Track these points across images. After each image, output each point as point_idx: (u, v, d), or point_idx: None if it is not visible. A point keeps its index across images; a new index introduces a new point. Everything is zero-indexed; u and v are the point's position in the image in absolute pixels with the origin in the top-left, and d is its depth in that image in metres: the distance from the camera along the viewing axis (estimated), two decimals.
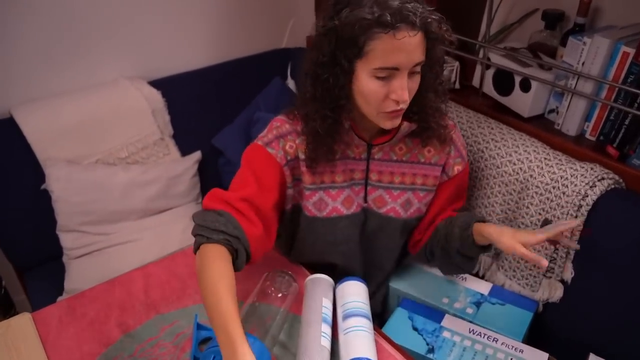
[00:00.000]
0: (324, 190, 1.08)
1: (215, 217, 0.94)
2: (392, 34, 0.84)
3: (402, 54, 0.86)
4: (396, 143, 1.07)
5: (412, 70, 0.90)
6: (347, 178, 1.08)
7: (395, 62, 0.87)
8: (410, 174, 1.09)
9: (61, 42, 1.60)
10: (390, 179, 1.09)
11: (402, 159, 1.09)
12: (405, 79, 0.89)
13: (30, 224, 1.57)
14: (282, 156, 1.03)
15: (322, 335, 0.91)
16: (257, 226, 0.98)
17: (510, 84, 1.41)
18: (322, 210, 1.09)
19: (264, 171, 1.02)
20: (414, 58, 0.88)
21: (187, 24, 1.84)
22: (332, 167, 1.06)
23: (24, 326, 1.02)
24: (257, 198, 0.99)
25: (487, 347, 1.13)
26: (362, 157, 1.06)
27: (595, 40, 1.18)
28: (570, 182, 1.16)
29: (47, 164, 1.51)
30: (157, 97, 1.71)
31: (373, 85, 0.91)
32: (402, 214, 1.12)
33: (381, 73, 0.89)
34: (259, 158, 1.02)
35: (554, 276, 1.24)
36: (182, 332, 1.01)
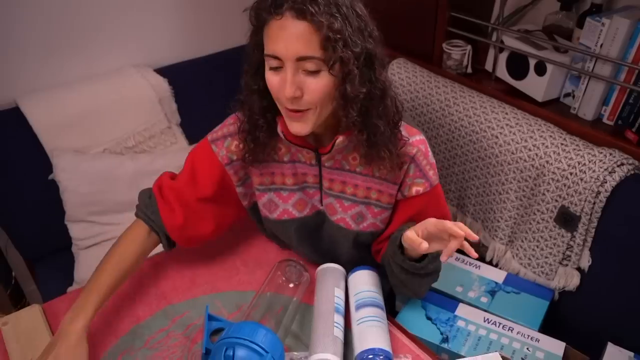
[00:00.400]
0: (274, 192, 1.04)
1: (146, 199, 1.05)
2: (273, 21, 0.79)
3: (281, 42, 0.79)
4: (349, 152, 0.96)
5: (304, 67, 0.80)
6: (299, 181, 1.02)
7: (274, 49, 0.80)
8: (364, 187, 0.99)
9: (67, 31, 1.58)
10: (341, 188, 1.00)
11: (356, 170, 0.98)
12: (290, 73, 0.80)
13: (40, 214, 1.56)
14: (224, 156, 1.01)
15: (334, 326, 0.90)
16: (177, 216, 1.02)
17: (525, 67, 1.37)
18: (273, 212, 1.05)
19: (201, 167, 1.03)
20: (295, 49, 0.78)
21: (193, 11, 1.82)
22: (282, 169, 1.01)
23: (33, 318, 1.01)
24: (185, 190, 1.03)
25: (502, 336, 1.11)
26: (312, 163, 0.99)
27: (614, 20, 1.15)
28: (588, 168, 1.13)
29: (54, 154, 1.50)
30: (164, 85, 1.69)
31: (269, 76, 0.84)
32: (354, 227, 1.03)
33: (270, 62, 0.82)
34: (201, 154, 1.03)
35: (570, 264, 1.21)
36: (193, 322, 1.01)
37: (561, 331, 1.16)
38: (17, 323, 1.00)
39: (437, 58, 1.61)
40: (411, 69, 1.60)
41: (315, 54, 0.79)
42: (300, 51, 0.79)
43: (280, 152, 1.00)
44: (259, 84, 0.89)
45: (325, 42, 0.78)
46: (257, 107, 0.91)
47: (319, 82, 0.82)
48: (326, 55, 0.79)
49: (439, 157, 1.51)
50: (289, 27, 0.78)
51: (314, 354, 0.85)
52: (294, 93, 0.81)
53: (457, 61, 1.56)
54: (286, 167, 1.01)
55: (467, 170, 1.43)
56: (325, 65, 0.80)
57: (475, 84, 1.49)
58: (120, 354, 0.94)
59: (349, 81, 0.81)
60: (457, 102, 1.43)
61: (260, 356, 0.80)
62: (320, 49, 0.79)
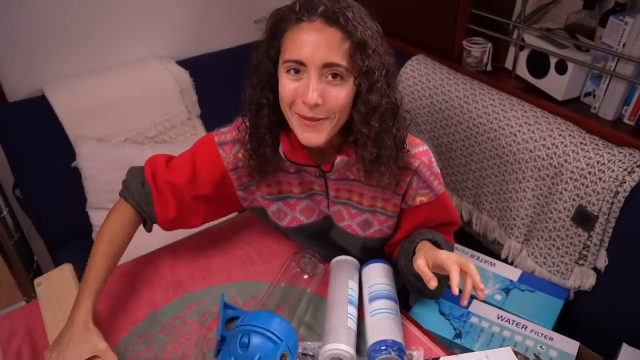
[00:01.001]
0: (282, 201, 1.04)
1: (139, 187, 1.02)
2: (300, 25, 0.79)
3: (307, 47, 0.78)
4: (353, 164, 0.95)
5: (328, 73, 0.80)
6: (306, 189, 1.02)
7: (300, 54, 0.79)
8: (369, 196, 0.99)
9: (93, 21, 1.61)
10: (348, 196, 1.00)
11: (361, 179, 0.98)
12: (314, 79, 0.79)
13: (62, 201, 1.59)
14: (230, 161, 1.00)
15: (348, 317, 0.91)
16: (170, 209, 1.01)
17: (545, 65, 1.36)
18: (282, 219, 1.06)
19: (203, 167, 1.01)
20: (322, 55, 0.78)
21: (216, 4, 1.84)
22: (289, 178, 1.01)
23: (64, 277, 1.05)
24: (184, 186, 1.01)
25: (515, 333, 1.11)
26: (317, 175, 0.98)
27: (638, 20, 1.14)
28: (607, 168, 1.12)
29: (78, 142, 1.54)
30: (186, 77, 1.71)
31: (286, 83, 0.82)
32: (360, 233, 1.03)
33: (290, 66, 0.80)
34: (206, 153, 1.01)
35: (586, 264, 1.21)
36: (209, 310, 1.02)
37: (576, 331, 1.15)
38: (50, 283, 1.05)
39: (457, 55, 1.61)
40: (431, 66, 1.59)
41: (342, 62, 0.79)
42: (327, 57, 0.78)
43: (287, 163, 0.98)
44: (269, 97, 0.87)
45: (353, 51, 0.78)
46: (265, 122, 0.89)
47: (341, 92, 0.81)
48: (352, 64, 0.79)
49: (456, 154, 1.51)
50: (319, 32, 0.78)
51: (327, 344, 0.86)
52: (316, 100, 0.79)
53: (477, 58, 1.55)
54: (293, 177, 1.00)
55: (484, 168, 1.43)
56: (350, 75, 0.80)
57: (495, 82, 1.49)
58: (137, 339, 0.96)
59: (375, 90, 0.81)
60: (475, 100, 1.43)
61: (275, 344, 0.81)
62: (348, 58, 0.79)
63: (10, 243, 1.55)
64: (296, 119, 0.84)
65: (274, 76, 0.85)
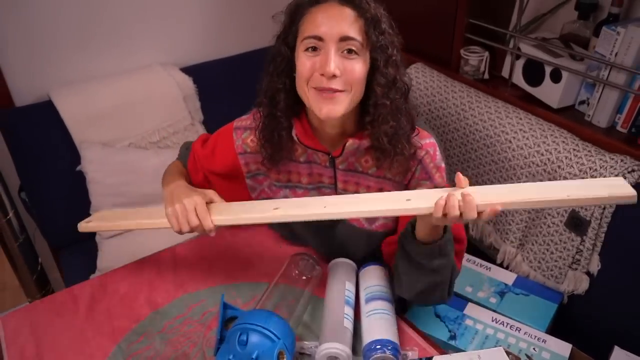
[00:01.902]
0: (290, 189, 1.08)
1: (184, 150, 1.20)
2: (317, 7, 0.87)
3: (325, 23, 0.85)
4: (362, 155, 1.00)
5: (344, 47, 0.86)
6: (314, 181, 1.06)
7: (318, 30, 0.85)
8: (376, 188, 1.03)
9: (98, 28, 1.65)
10: (355, 189, 1.04)
11: (368, 172, 1.02)
12: (332, 52, 0.85)
13: (67, 204, 1.62)
14: (239, 145, 1.06)
15: (345, 317, 0.93)
16: (198, 175, 1.14)
17: (541, 74, 1.39)
18: None
19: (220, 147, 1.10)
20: (339, 28, 0.85)
21: (219, 12, 1.87)
22: (298, 168, 1.05)
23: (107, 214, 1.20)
24: (204, 161, 1.12)
25: (509, 336, 1.13)
26: (327, 165, 1.02)
27: (629, 30, 1.16)
28: (599, 174, 1.15)
29: (83, 146, 1.57)
30: (189, 84, 1.74)
31: (304, 59, 0.88)
32: (366, 226, 1.07)
33: (309, 43, 0.87)
34: (224, 136, 1.10)
35: (579, 268, 1.23)
36: (209, 310, 1.04)
37: (569, 334, 1.17)
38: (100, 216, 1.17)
39: (455, 63, 1.64)
40: (429, 74, 1.62)
41: (357, 36, 0.85)
42: (344, 31, 0.85)
43: (297, 152, 1.03)
44: (285, 82, 0.93)
45: (367, 27, 0.85)
46: (282, 106, 0.94)
47: (357, 65, 0.87)
48: (367, 39, 0.86)
49: (453, 160, 1.54)
50: (334, 10, 0.85)
51: (324, 343, 0.88)
52: (334, 70, 0.85)
53: (474, 67, 1.58)
54: (302, 166, 1.05)
55: (481, 174, 1.45)
56: (364, 50, 0.86)
57: (492, 90, 1.51)
58: (138, 338, 0.98)
59: (392, 64, 0.88)
60: (472, 107, 1.45)
61: (273, 342, 0.83)
62: (363, 33, 0.85)
63: (16, 245, 1.58)
64: (314, 93, 0.88)
65: (291, 62, 0.91)
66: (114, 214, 1.12)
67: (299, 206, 0.93)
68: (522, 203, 0.78)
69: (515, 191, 0.80)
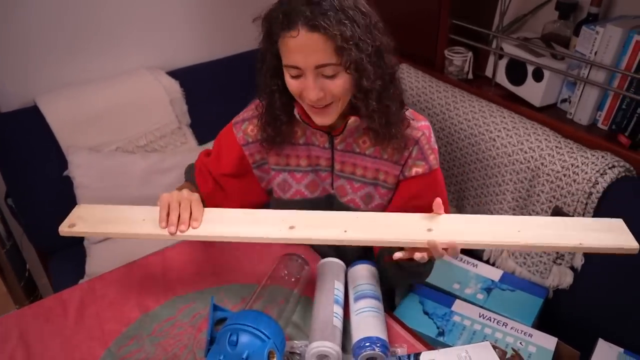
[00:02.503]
0: (288, 172, 1.11)
1: (191, 169, 1.20)
2: (287, 35, 0.86)
3: (299, 55, 0.87)
4: (360, 136, 1.04)
5: (321, 73, 0.89)
6: (312, 163, 1.09)
7: (294, 61, 0.88)
8: (373, 169, 1.06)
9: (84, 33, 1.64)
10: (352, 169, 1.07)
11: (365, 152, 1.05)
12: (311, 79, 0.89)
13: (54, 209, 1.58)
14: (241, 137, 1.09)
15: (334, 316, 0.94)
16: (207, 184, 1.13)
17: (523, 73, 1.42)
18: (286, 192, 1.12)
19: (224, 146, 1.12)
20: (313, 59, 0.87)
21: (205, 16, 1.87)
22: (297, 151, 1.08)
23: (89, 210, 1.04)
24: (211, 165, 1.13)
25: (496, 331, 1.15)
26: (326, 146, 1.06)
27: (607, 29, 1.19)
28: (581, 170, 1.17)
29: (70, 151, 1.56)
30: (176, 87, 1.74)
31: (290, 81, 0.92)
32: (362, 206, 1.09)
33: (291, 72, 0.90)
34: (225, 135, 1.12)
35: (564, 263, 1.25)
36: (199, 312, 1.04)
37: (555, 328, 1.19)
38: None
39: (439, 64, 1.66)
40: (414, 75, 1.64)
41: (331, 60, 0.87)
42: (318, 60, 0.87)
43: (296, 135, 1.07)
44: (278, 83, 0.97)
45: (338, 49, 0.85)
46: (278, 104, 0.99)
47: (337, 82, 0.90)
48: (341, 59, 0.87)
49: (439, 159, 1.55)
50: (304, 41, 0.85)
51: (313, 342, 0.89)
52: (317, 95, 0.89)
53: (458, 67, 1.60)
54: (301, 149, 1.08)
55: (466, 172, 1.47)
56: (342, 68, 0.88)
57: (476, 90, 1.54)
58: (129, 341, 0.98)
59: (365, 77, 0.89)
60: (457, 107, 1.47)
61: (263, 342, 0.83)
62: (335, 55, 0.86)
63: (3, 251, 1.56)
64: (307, 106, 0.95)
65: (279, 67, 0.94)
66: (93, 210, 1.01)
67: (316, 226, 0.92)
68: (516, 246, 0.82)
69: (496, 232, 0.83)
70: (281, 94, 0.98)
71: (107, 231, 0.95)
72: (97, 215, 0.98)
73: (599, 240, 0.77)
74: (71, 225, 0.98)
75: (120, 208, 0.99)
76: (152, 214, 0.94)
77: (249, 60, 2.02)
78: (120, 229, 0.95)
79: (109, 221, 0.95)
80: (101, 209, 1.00)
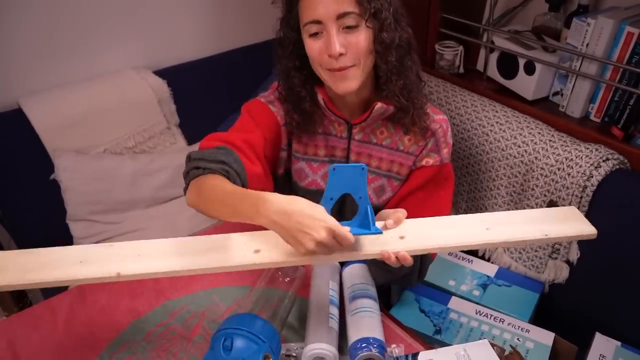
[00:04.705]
0: (306, 162, 1.10)
1: (214, 150, 0.92)
2: None
3: (321, 5, 0.88)
4: (378, 126, 1.05)
5: (344, 24, 0.89)
6: (329, 154, 1.09)
7: (314, 14, 0.89)
8: (388, 160, 1.07)
9: (67, 33, 1.61)
10: (367, 161, 1.07)
11: (382, 143, 1.06)
12: (333, 33, 0.88)
13: (41, 213, 1.59)
14: (282, 116, 1.06)
15: (329, 317, 0.93)
16: (256, 165, 0.97)
17: (515, 67, 1.41)
18: (303, 179, 1.11)
19: (264, 122, 1.04)
20: (334, 8, 0.87)
21: (191, 13, 1.85)
22: (315, 140, 1.08)
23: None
24: (257, 142, 1.00)
25: (493, 327, 1.15)
26: (343, 136, 1.06)
27: (599, 21, 1.18)
28: (575, 163, 1.16)
29: (56, 154, 1.53)
30: (163, 87, 1.72)
31: (310, 44, 0.92)
32: (374, 199, 1.09)
33: (311, 29, 0.90)
34: (261, 110, 1.05)
35: (559, 257, 1.25)
36: (192, 316, 1.03)
37: (552, 322, 1.19)
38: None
39: (430, 59, 1.65)
40: None
41: (352, 9, 0.88)
42: (339, 8, 0.87)
43: (316, 124, 1.06)
44: (295, 61, 0.98)
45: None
46: (297, 81, 0.99)
47: (359, 36, 0.89)
48: (361, 9, 0.88)
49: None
50: None
51: (309, 344, 0.88)
52: (339, 49, 0.88)
53: (449, 61, 1.59)
54: (319, 138, 1.07)
55: (459, 167, 1.46)
56: (362, 19, 0.89)
57: (468, 84, 1.53)
58: (120, 348, 0.97)
59: (386, 28, 0.90)
60: (449, 102, 1.46)
61: (258, 345, 0.82)
62: (356, 4, 0.88)
63: None
64: (327, 74, 0.94)
65: (298, 43, 0.95)
66: (15, 256, 0.80)
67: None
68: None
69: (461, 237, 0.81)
70: (299, 70, 0.98)
71: (40, 280, 0.76)
72: (21, 262, 0.79)
73: (562, 230, 0.82)
74: None
75: (49, 250, 0.81)
76: (89, 254, 0.80)
77: (237, 58, 2.02)
78: (55, 275, 0.77)
79: (38, 267, 0.78)
80: (25, 254, 0.81)
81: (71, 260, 0.78)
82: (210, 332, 0.98)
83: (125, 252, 0.80)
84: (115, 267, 0.77)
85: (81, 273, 0.76)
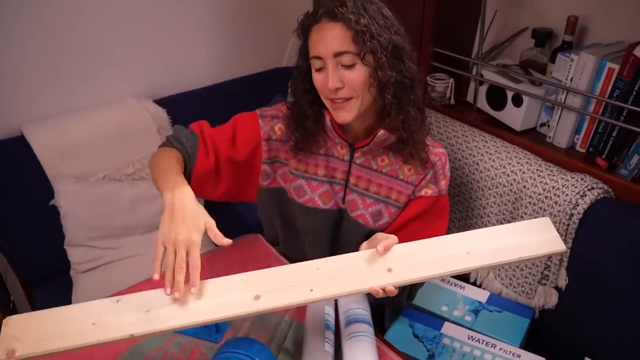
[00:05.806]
0: (305, 180, 1.14)
1: (187, 133, 1.11)
2: (314, 27, 0.97)
3: (321, 43, 0.95)
4: (379, 154, 1.09)
5: (342, 62, 0.95)
6: (329, 175, 1.13)
7: (316, 51, 0.96)
8: (387, 187, 1.10)
9: (70, 62, 1.65)
10: (366, 186, 1.11)
11: (382, 170, 1.10)
12: (331, 69, 0.95)
13: (39, 238, 1.59)
14: (266, 131, 1.12)
15: (325, 341, 0.95)
16: (209, 160, 1.09)
17: (503, 99, 1.46)
18: (301, 197, 1.15)
19: (243, 132, 1.13)
20: (332, 47, 0.94)
21: (191, 45, 1.90)
22: (316, 160, 1.12)
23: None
24: (223, 144, 1.11)
25: (485, 352, 1.16)
26: (345, 159, 1.11)
27: (582, 56, 1.24)
28: (561, 192, 1.20)
29: (56, 180, 1.55)
30: (163, 115, 1.75)
31: (315, 76, 1.00)
32: (371, 224, 1.12)
33: (315, 63, 0.98)
34: (247, 120, 1.14)
35: (548, 283, 1.27)
36: (189, 341, 1.04)
37: (542, 347, 1.21)
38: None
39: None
40: None
41: (348, 48, 0.94)
42: (336, 47, 0.94)
43: (318, 144, 1.11)
44: (306, 85, 1.05)
45: (355, 37, 0.93)
46: (305, 101, 1.05)
47: (354, 74, 0.96)
48: (358, 48, 0.93)
49: None
50: (326, 29, 0.95)
51: None
52: (335, 84, 0.96)
53: (440, 93, 1.65)
54: (320, 159, 1.12)
55: (451, 195, 1.50)
56: (359, 58, 0.94)
57: (458, 115, 1.57)
58: None
59: (379, 67, 0.95)
60: (440, 132, 1.51)
61: None
62: (353, 44, 0.93)
63: None
64: (328, 103, 1.02)
65: (309, 71, 1.02)
66: (28, 321, 0.80)
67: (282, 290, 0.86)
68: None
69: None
70: (308, 92, 1.05)
71: (57, 347, 0.78)
72: (34, 327, 0.79)
73: (535, 250, 0.86)
74: (10, 352, 0.77)
75: (62, 310, 0.82)
76: (102, 315, 0.82)
77: (236, 88, 2.05)
78: (68, 342, 0.79)
79: (54, 334, 0.79)
80: (37, 317, 0.80)
81: (84, 324, 0.81)
82: (208, 357, 0.99)
83: (132, 306, 0.86)
84: (128, 329, 0.82)
85: (97, 337, 0.80)
